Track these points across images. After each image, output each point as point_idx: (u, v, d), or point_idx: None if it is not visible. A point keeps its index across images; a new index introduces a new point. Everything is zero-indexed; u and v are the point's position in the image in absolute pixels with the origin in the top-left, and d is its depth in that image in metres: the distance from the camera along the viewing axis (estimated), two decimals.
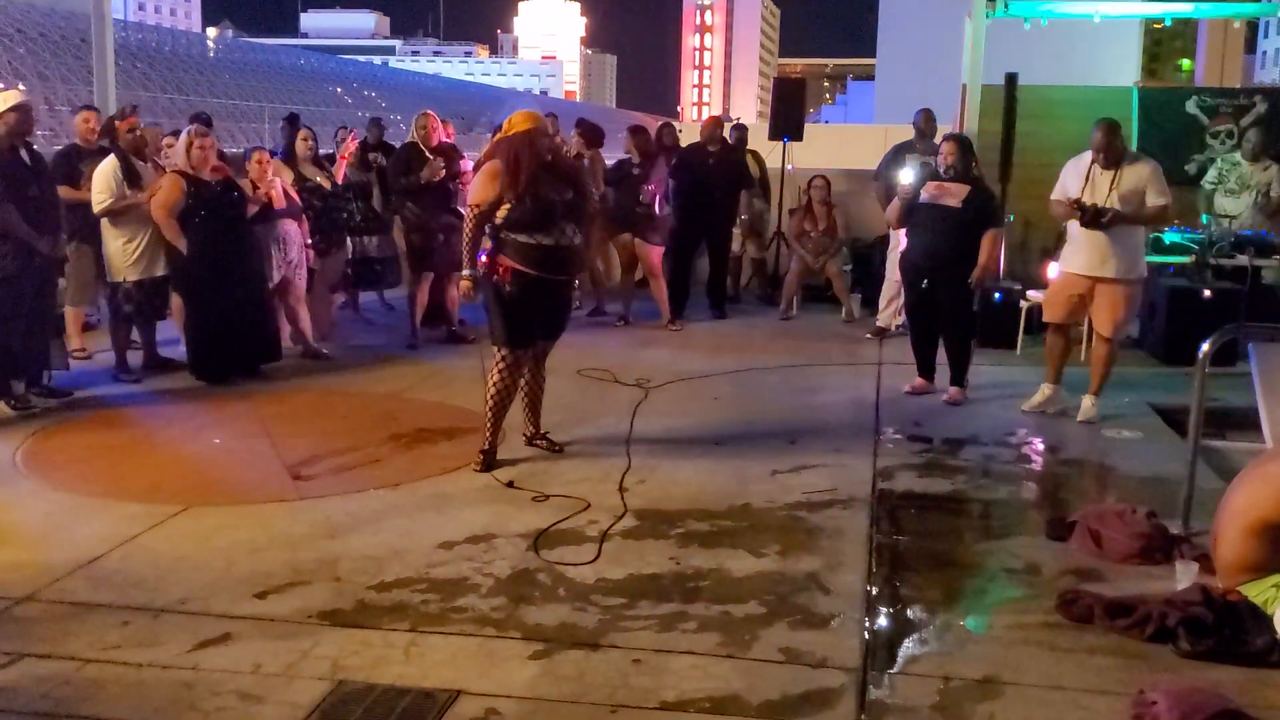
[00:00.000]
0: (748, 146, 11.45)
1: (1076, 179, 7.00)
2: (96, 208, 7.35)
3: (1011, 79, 10.19)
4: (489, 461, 5.86)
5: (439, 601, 4.23)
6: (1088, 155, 7.00)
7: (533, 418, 6.25)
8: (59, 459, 6.00)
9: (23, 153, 6.66)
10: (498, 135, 6.07)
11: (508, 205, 5.67)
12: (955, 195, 7.40)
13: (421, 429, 6.65)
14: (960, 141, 7.72)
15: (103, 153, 7.71)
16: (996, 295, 9.11)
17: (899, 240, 9.56)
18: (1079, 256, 7.01)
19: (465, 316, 9.21)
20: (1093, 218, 6.78)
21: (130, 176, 7.42)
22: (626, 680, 3.65)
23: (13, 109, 6.57)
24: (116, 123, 7.68)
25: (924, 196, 7.52)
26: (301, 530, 4.98)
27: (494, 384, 5.86)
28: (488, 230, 5.77)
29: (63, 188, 7.53)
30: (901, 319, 9.11)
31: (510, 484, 5.62)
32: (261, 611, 4.12)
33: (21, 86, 37.85)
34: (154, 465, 5.97)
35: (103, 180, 7.33)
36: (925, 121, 9.89)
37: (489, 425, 5.90)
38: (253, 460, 6.02)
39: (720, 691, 3.58)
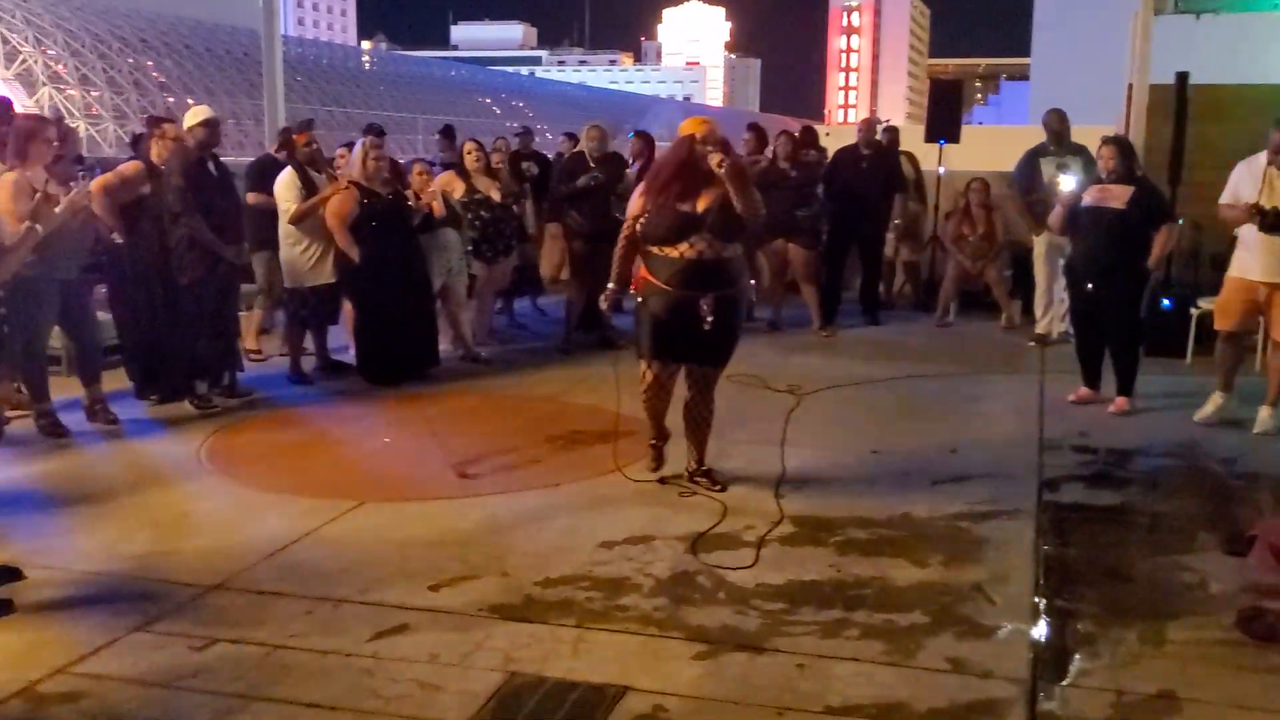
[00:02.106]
0: (900, 148, 11.31)
1: (1251, 182, 6.74)
2: (286, 217, 7.71)
3: (1183, 78, 9.83)
4: (657, 457, 5.86)
5: (603, 599, 4.33)
6: (1262, 157, 6.73)
7: (694, 449, 5.82)
8: (241, 456, 6.33)
9: (210, 165, 7.04)
10: None
11: (643, 217, 5.43)
12: (1119, 197, 7.20)
13: (577, 431, 6.78)
14: (1119, 143, 7.50)
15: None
16: (1165, 302, 8.81)
17: (1045, 246, 9.36)
18: (1255, 262, 6.74)
19: (618, 323, 9.34)
20: (1274, 222, 6.52)
21: (307, 186, 7.77)
22: (791, 684, 3.67)
23: (202, 123, 6.96)
24: (294, 136, 8.04)
25: (1086, 201, 7.34)
26: (469, 526, 5.15)
27: (642, 397, 5.75)
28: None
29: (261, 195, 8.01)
30: (1065, 326, 8.88)
31: (663, 481, 5.70)
32: (435, 603, 4.28)
33: (188, 101, 39.80)
34: (329, 463, 6.25)
35: (286, 190, 7.70)
36: (1059, 122, 9.41)
37: (650, 422, 5.84)
38: (420, 459, 6.24)
39: (886, 699, 3.58)
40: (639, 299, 5.56)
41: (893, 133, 11.62)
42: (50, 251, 5.75)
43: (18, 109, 7.40)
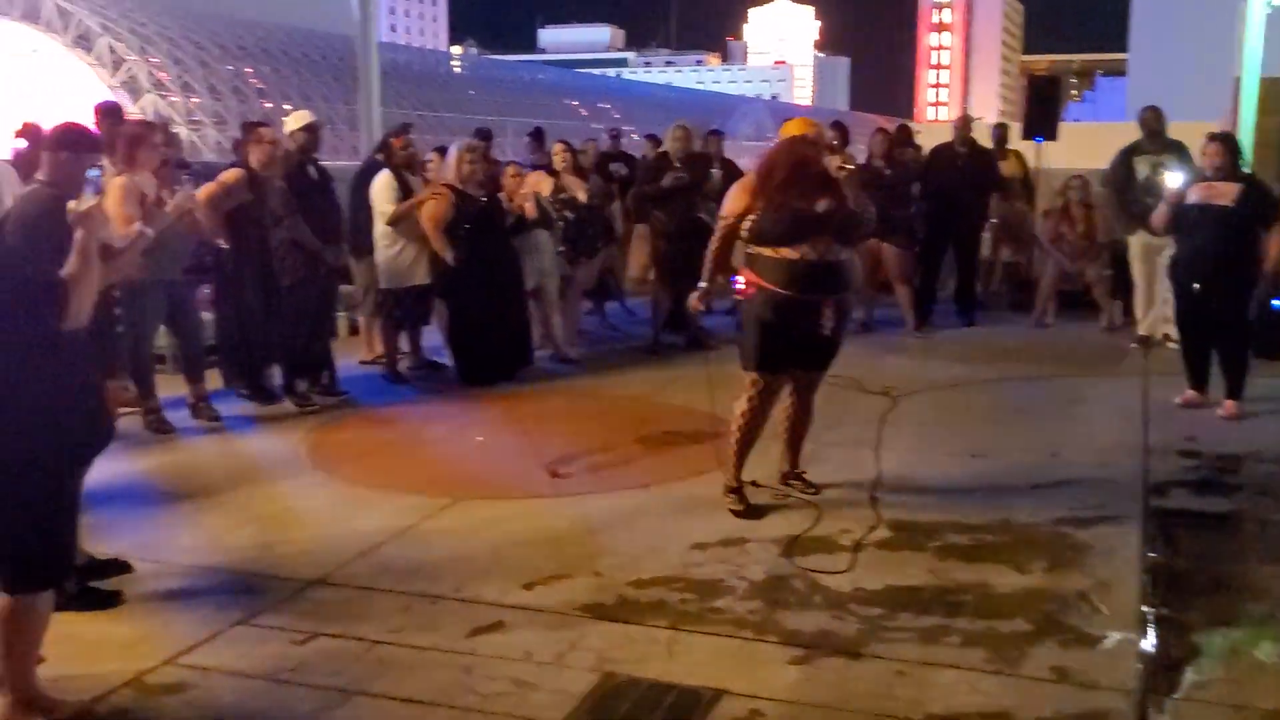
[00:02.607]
0: (1008, 146, 11.10)
1: None
2: (383, 219, 7.83)
3: None
4: (743, 498, 5.37)
5: (696, 601, 4.30)
6: None
7: (790, 453, 5.68)
8: (339, 453, 6.43)
9: (310, 168, 7.17)
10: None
11: (754, 216, 5.22)
12: (1226, 194, 6.98)
13: (668, 432, 6.76)
14: (1225, 140, 7.26)
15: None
16: (1275, 302, 8.51)
17: (1140, 245, 9.10)
18: None
19: (706, 323, 9.31)
20: None
21: (404, 190, 7.87)
22: (890, 690, 3.62)
23: (303, 128, 7.10)
24: (391, 140, 8.15)
25: (1192, 198, 7.12)
26: (562, 525, 5.17)
27: (741, 412, 5.35)
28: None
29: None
30: (1169, 327, 8.63)
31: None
32: (530, 601, 4.30)
33: (281, 107, 40.73)
34: (424, 460, 6.32)
35: (382, 193, 7.81)
36: (1155, 119, 9.13)
37: (734, 458, 5.39)
38: (513, 457, 6.28)
39: (989, 707, 3.50)
40: (746, 304, 5.31)
41: (1002, 129, 11.39)
42: (157, 254, 5.89)
43: None
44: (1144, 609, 4.24)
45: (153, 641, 3.97)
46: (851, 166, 5.21)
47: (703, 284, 5.51)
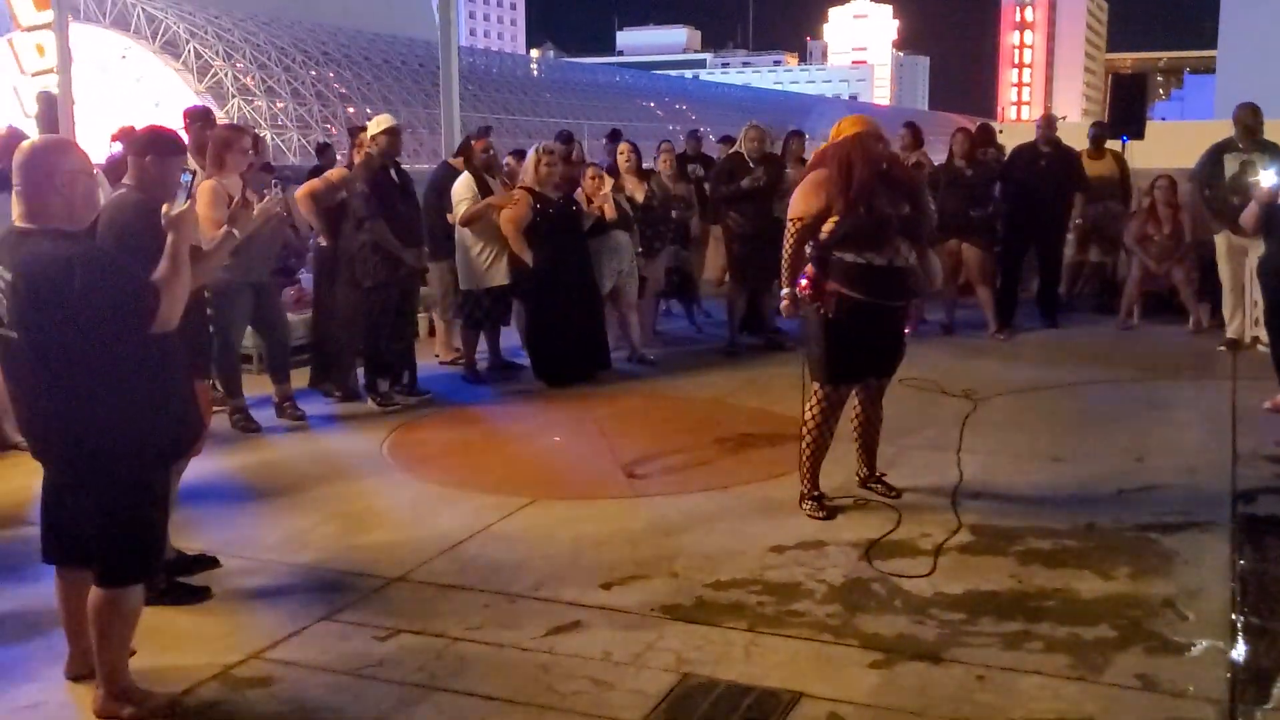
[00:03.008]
0: (1106, 146, 10.90)
1: None
2: (457, 217, 7.93)
3: None
4: (822, 504, 5.29)
5: (775, 604, 4.29)
6: None
7: (866, 458, 5.60)
8: (420, 452, 6.52)
9: (391, 172, 7.28)
10: (827, 143, 5.37)
11: (834, 219, 5.07)
12: None
13: (744, 434, 6.74)
14: None
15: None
16: None
17: (1226, 245, 8.86)
18: None
19: (782, 325, 9.27)
20: None
21: (484, 192, 7.95)
22: (971, 696, 3.58)
23: (385, 131, 7.21)
24: (472, 142, 8.24)
25: None
26: (639, 526, 5.18)
27: (809, 424, 5.27)
28: (810, 251, 5.12)
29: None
30: (1259, 330, 8.40)
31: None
32: (608, 601, 4.32)
33: (360, 111, 41.36)
34: (502, 460, 6.38)
35: (462, 194, 7.91)
36: (1251, 116, 8.83)
37: (806, 470, 5.31)
38: (590, 458, 6.32)
39: (1072, 715, 3.45)
40: (824, 314, 5.10)
41: (1100, 129, 11.17)
42: (244, 256, 6.03)
43: None
44: (1233, 617, 4.14)
45: (239, 636, 4.06)
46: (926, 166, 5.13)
47: (785, 290, 5.29)
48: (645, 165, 9.65)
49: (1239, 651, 3.88)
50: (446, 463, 6.31)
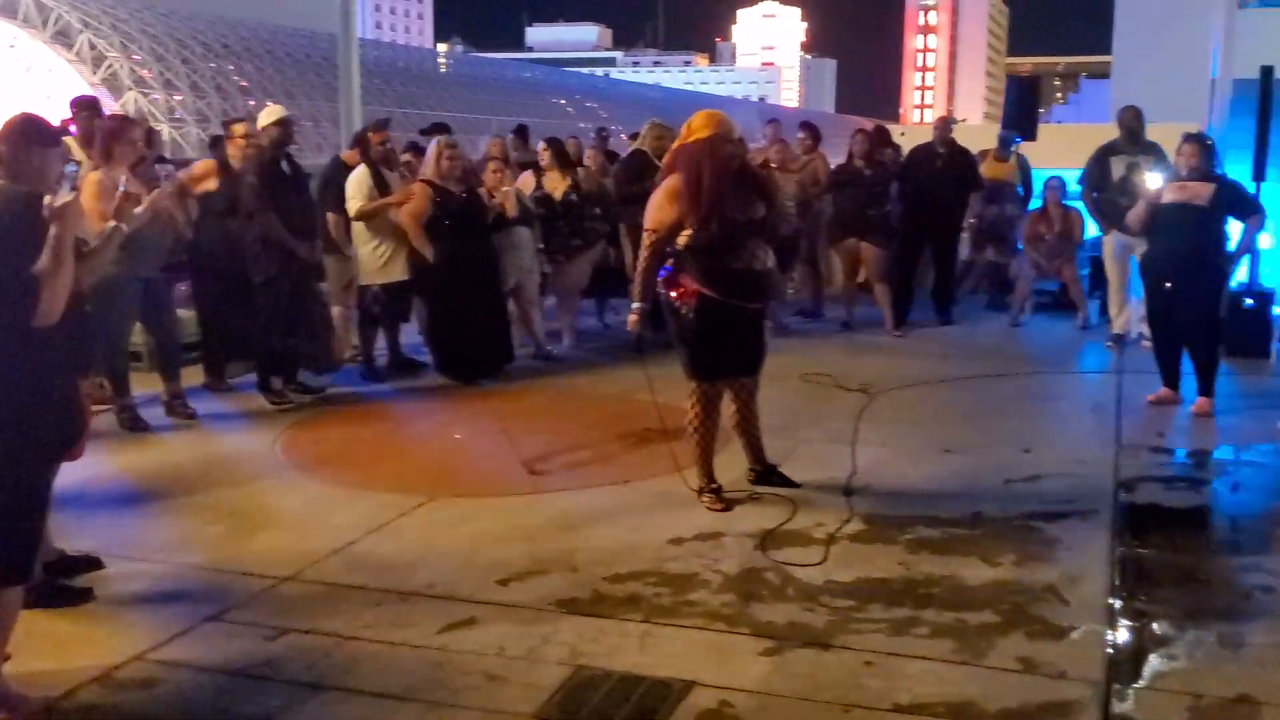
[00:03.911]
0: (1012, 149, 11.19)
1: None
2: (351, 212, 7.82)
3: (1268, 72, 9.56)
4: (719, 497, 5.35)
5: (671, 595, 4.33)
6: None
7: (751, 451, 5.66)
8: (314, 451, 6.43)
9: (284, 163, 7.16)
10: (677, 142, 5.38)
11: (689, 230, 5.11)
12: (1200, 194, 7.04)
13: (648, 429, 6.73)
14: (1201, 141, 7.31)
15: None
16: (1247, 302, 8.58)
17: (1114, 244, 9.15)
18: None
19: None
20: None
21: (380, 185, 7.86)
22: (859, 681, 3.64)
23: (275, 123, 7.09)
24: (369, 135, 8.14)
25: (1166, 198, 7.18)
26: (539, 522, 5.18)
27: (692, 420, 5.38)
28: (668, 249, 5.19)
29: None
30: (1143, 325, 8.68)
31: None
32: (504, 598, 4.31)
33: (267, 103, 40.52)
34: (400, 458, 6.32)
35: (356, 188, 7.80)
36: (1134, 119, 9.11)
37: (699, 461, 5.41)
38: (491, 455, 6.28)
39: (956, 697, 3.53)
40: (687, 314, 5.21)
41: (1009, 133, 11.46)
42: (133, 250, 5.88)
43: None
44: (1111, 600, 4.28)
45: (122, 638, 3.97)
46: (775, 164, 5.19)
47: (637, 305, 5.38)
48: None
49: (1115, 634, 4.01)
50: (341, 461, 6.22)
